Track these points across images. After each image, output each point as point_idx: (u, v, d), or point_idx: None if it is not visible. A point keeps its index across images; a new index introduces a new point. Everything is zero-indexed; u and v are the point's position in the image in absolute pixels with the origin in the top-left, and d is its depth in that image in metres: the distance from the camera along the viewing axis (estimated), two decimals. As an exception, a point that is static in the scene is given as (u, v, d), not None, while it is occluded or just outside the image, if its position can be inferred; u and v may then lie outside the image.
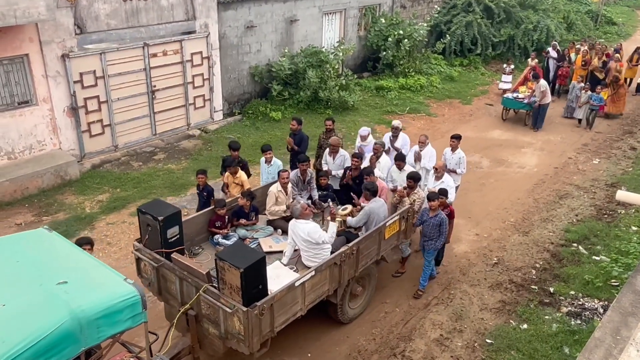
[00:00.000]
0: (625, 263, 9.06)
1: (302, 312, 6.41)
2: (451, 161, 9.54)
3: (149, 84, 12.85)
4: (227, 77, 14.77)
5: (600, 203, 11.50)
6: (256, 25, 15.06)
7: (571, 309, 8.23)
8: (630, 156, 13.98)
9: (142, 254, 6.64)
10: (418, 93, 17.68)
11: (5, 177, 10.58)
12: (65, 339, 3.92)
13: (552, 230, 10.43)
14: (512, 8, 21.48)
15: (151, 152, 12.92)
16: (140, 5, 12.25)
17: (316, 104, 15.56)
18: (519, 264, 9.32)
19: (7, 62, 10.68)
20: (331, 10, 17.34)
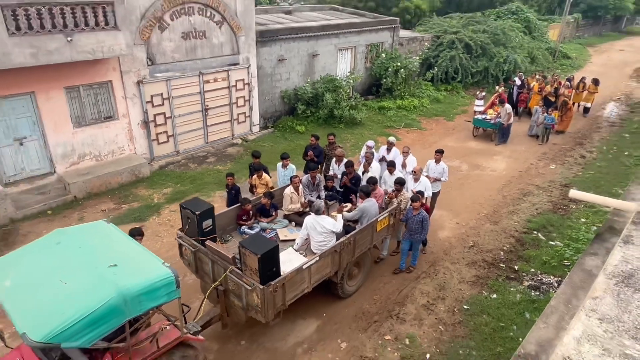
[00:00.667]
0: (576, 247, 8.98)
1: (309, 289, 6.39)
2: (435, 171, 9.38)
3: (203, 103, 12.98)
4: (262, 98, 14.85)
5: (556, 200, 11.33)
6: (286, 58, 15.12)
7: (532, 283, 8.17)
8: (580, 163, 13.74)
9: (183, 240, 6.66)
10: (412, 112, 17.57)
11: (93, 175, 10.78)
12: (112, 312, 3.96)
13: (517, 220, 10.31)
14: (487, 45, 21.25)
15: (204, 156, 13.04)
16: (197, 43, 12.37)
17: (331, 120, 15.54)
18: (490, 247, 9.26)
19: (96, 87, 10.87)
20: (344, 47, 17.32)
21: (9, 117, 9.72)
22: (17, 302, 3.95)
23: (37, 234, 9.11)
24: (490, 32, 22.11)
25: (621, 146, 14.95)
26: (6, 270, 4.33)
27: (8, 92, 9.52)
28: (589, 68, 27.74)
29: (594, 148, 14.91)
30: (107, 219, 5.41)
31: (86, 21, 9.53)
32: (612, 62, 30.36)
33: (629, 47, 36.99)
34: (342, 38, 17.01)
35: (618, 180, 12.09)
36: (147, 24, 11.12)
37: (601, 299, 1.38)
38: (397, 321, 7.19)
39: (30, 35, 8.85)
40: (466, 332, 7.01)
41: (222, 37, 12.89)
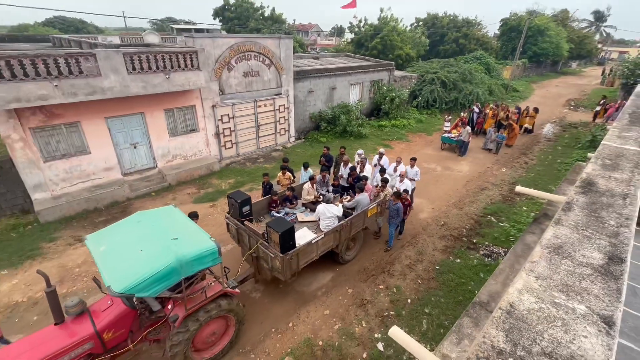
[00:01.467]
0: (519, 228, 8.71)
1: (317, 257, 6.29)
2: (410, 173, 9.14)
3: (256, 121, 13.07)
4: (297, 118, 14.86)
5: (505, 193, 10.96)
6: (314, 90, 15.07)
7: (485, 252, 7.97)
8: (524, 167, 13.24)
9: (229, 220, 6.62)
10: (402, 129, 17.25)
11: (182, 169, 11.02)
12: (171, 272, 3.93)
13: (476, 207, 10.05)
14: (457, 82, 20.62)
15: (256, 157, 13.13)
16: (253, 79, 12.45)
17: (345, 134, 15.41)
18: (456, 226, 9.07)
19: (185, 109, 11.07)
20: (355, 83, 17.14)
21: (127, 129, 10.03)
22: (107, 263, 3.94)
23: (144, 207, 9.41)
24: (460, 72, 21.46)
25: (555, 155, 14.36)
26: (102, 240, 4.34)
27: (127, 112, 9.82)
28: (533, 99, 26.66)
29: (535, 157, 14.36)
30: (174, 204, 5.28)
31: (178, 64, 9.72)
32: (550, 94, 29.08)
33: (563, 84, 35.38)
34: (353, 76, 16.84)
35: (552, 180, 11.64)
36: (219, 66, 11.27)
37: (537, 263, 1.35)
38: (388, 275, 7.15)
39: (142, 73, 9.09)
40: (437, 285, 6.92)
41: (270, 75, 12.95)
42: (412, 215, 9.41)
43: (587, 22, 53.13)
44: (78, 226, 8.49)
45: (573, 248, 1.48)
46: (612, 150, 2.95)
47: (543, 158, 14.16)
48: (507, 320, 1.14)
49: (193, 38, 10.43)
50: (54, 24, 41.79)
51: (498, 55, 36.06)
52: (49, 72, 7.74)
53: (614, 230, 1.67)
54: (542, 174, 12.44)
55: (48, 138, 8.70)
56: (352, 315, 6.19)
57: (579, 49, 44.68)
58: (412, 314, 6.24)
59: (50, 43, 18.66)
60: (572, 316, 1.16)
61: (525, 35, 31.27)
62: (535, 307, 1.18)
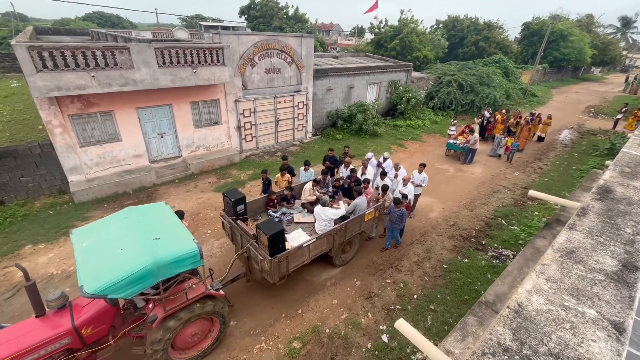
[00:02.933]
0: (529, 232, 8.46)
1: (308, 260, 5.95)
2: (418, 178, 8.65)
3: (276, 116, 13.11)
4: (315, 115, 14.83)
5: (517, 197, 10.63)
6: (332, 89, 14.98)
7: (494, 254, 7.79)
8: (538, 172, 12.77)
9: (224, 219, 6.32)
10: (416, 129, 16.93)
11: (204, 159, 11.20)
12: (147, 275, 3.68)
13: (487, 210, 9.80)
14: (474, 84, 20.06)
15: (274, 151, 13.16)
16: (274, 76, 12.48)
17: (361, 132, 15.26)
18: (466, 226, 8.89)
19: (209, 102, 11.23)
20: (372, 82, 16.92)
21: (156, 119, 10.28)
22: (86, 260, 3.71)
23: (168, 193, 9.65)
24: (478, 75, 20.86)
25: (571, 162, 13.79)
26: (87, 235, 4.10)
27: (156, 103, 10.06)
28: (551, 104, 25.61)
29: (549, 162, 13.83)
30: (165, 202, 5.07)
31: (205, 59, 9.85)
32: (569, 100, 27.83)
33: (584, 90, 33.76)
34: (371, 76, 16.62)
35: (566, 187, 11.20)
36: (243, 62, 11.34)
37: (548, 266, 1.31)
38: (396, 271, 7.10)
39: (171, 67, 9.27)
40: (443, 283, 6.83)
41: (291, 72, 12.94)
42: (422, 214, 9.28)
43: (613, 27, 50.27)
44: (108, 207, 8.82)
45: (586, 253, 1.42)
46: (632, 158, 2.81)
47: (558, 164, 13.62)
48: (515, 319, 1.11)
49: (219, 35, 10.53)
50: (92, 19, 43.13)
51: (518, 59, 34.75)
52: (87, 63, 8.00)
53: (630, 238, 1.60)
54: (556, 179, 11.98)
55: (84, 125, 9.03)
56: (359, 307, 6.20)
57: (603, 55, 42.39)
58: (417, 309, 6.18)
59: (89, 36, 19.26)
60: (582, 320, 1.13)
61: (547, 40, 29.94)
62: (544, 309, 1.14)
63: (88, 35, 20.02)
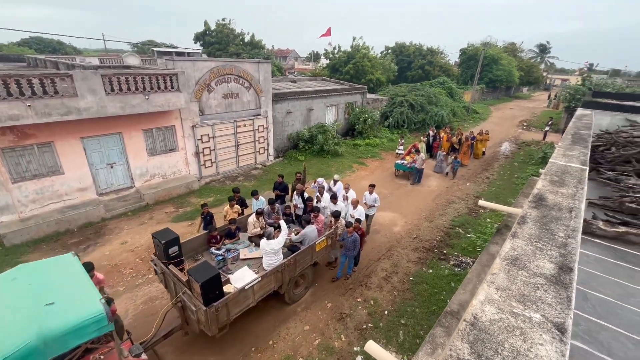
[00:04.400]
0: (484, 238, 8.99)
1: (254, 303, 5.36)
2: (369, 199, 8.42)
3: (236, 141, 12.93)
4: (276, 138, 14.85)
5: (471, 206, 11.34)
6: (292, 112, 15.20)
7: (455, 262, 8.14)
8: (486, 182, 13.82)
9: (155, 263, 5.60)
10: (375, 147, 17.63)
11: (160, 188, 10.62)
12: (29, 354, 2.97)
13: (445, 220, 10.31)
14: (424, 104, 21.58)
15: (236, 176, 12.91)
16: (233, 101, 12.41)
17: (322, 152, 15.54)
18: (428, 238, 9.24)
19: (164, 129, 10.81)
20: (331, 104, 17.50)
21: (104, 149, 9.62)
22: None
23: (119, 227, 8.92)
24: (426, 95, 22.52)
25: (513, 171, 15.14)
26: None
27: (104, 132, 9.44)
28: (491, 120, 28.32)
29: (495, 172, 15.06)
30: (73, 252, 4.24)
31: (158, 86, 9.55)
32: (506, 115, 31.03)
33: (516, 107, 37.92)
34: (329, 98, 17.20)
35: (511, 193, 12.21)
36: (199, 88, 11.17)
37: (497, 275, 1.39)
38: (365, 288, 7.11)
39: (120, 94, 8.84)
40: (412, 296, 6.94)
41: (250, 97, 12.97)
42: (387, 229, 9.51)
43: (533, 52, 57.97)
44: (47, 249, 7.87)
45: (528, 259, 1.55)
46: (559, 167, 3.17)
47: (502, 173, 14.89)
48: (472, 332, 1.15)
49: (174, 61, 10.33)
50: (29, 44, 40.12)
51: (459, 80, 38.28)
52: (22, 92, 7.34)
53: (563, 242, 1.77)
54: (502, 187, 13.05)
55: (18, 158, 8.15)
56: (331, 330, 6.05)
57: (528, 76, 48.50)
58: (389, 325, 6.18)
59: (25, 63, 17.84)
60: (529, 325, 1.20)
61: (482, 64, 33.51)
62: (497, 318, 1.20)
63: (24, 61, 18.55)
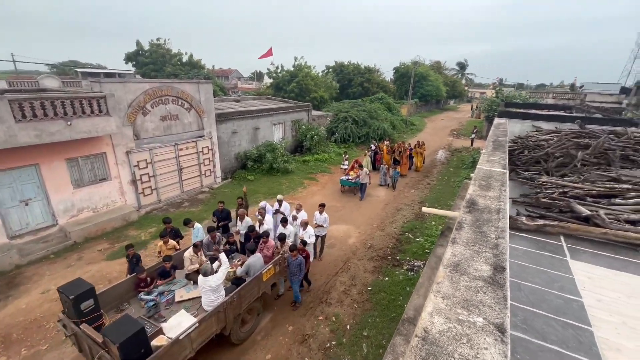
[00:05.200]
0: (431, 241, 9.55)
1: (192, 354, 4.68)
2: (320, 219, 8.15)
3: (179, 164, 12.20)
4: (222, 159, 14.36)
5: (417, 212, 12.01)
6: (237, 131, 14.89)
7: (408, 267, 8.47)
8: (428, 187, 14.86)
9: (64, 322, 4.71)
10: (324, 162, 17.98)
11: (91, 223, 9.47)
12: None
13: (395, 227, 10.76)
14: (366, 119, 22.78)
15: (180, 202, 12.10)
16: (172, 123, 11.76)
17: (272, 171, 15.39)
18: (381, 246, 9.52)
19: (93, 157, 9.78)
20: (277, 122, 17.54)
21: (15, 184, 8.30)
22: None
23: (40, 274, 7.68)
24: (367, 110, 23.84)
25: (449, 175, 16.58)
26: None
27: (15, 164, 8.17)
28: (427, 131, 30.94)
29: (435, 178, 16.31)
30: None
31: (83, 110, 8.65)
32: (439, 126, 34.19)
33: (447, 118, 42.13)
34: (275, 117, 17.24)
35: (450, 197, 13.28)
36: (132, 111, 10.38)
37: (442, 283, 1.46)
38: (326, 305, 7.02)
39: (35, 121, 7.79)
40: (371, 306, 7.03)
41: (191, 118, 12.41)
42: (342, 242, 9.62)
43: (455, 70, 65.57)
44: (-62, 312, 6.38)
45: (467, 263, 1.67)
46: (485, 172, 3.55)
47: (441, 178, 16.21)
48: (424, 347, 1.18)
49: (100, 82, 9.48)
50: None
51: (395, 96, 41.42)
52: None
53: (495, 242, 1.96)
54: (442, 192, 14.16)
55: None
56: (294, 355, 5.81)
57: (453, 90, 54.59)
58: (352, 339, 6.15)
59: None
60: (474, 330, 1.27)
61: (414, 80, 36.78)
62: (445, 328, 1.25)
63: None
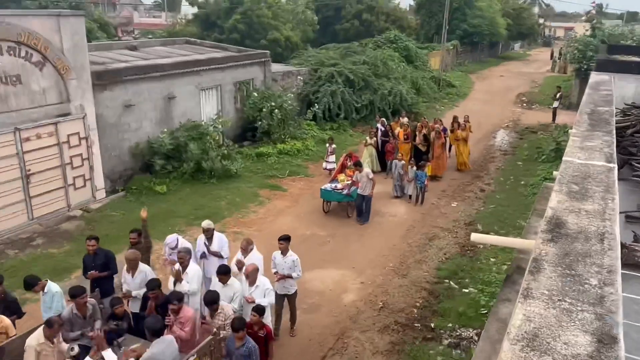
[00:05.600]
0: (490, 292, 9.70)
1: None
2: (283, 266, 8.01)
3: (23, 168, 11.80)
4: (107, 155, 14.02)
5: (463, 241, 12.22)
6: (134, 104, 14.63)
7: (451, 340, 8.52)
8: (481, 197, 15.21)
9: None
10: (296, 156, 18.04)
11: None
12: None
13: (426, 270, 10.86)
14: (368, 77, 23.08)
15: (29, 237, 11.65)
16: (9, 90, 11.39)
17: (200, 175, 15.26)
18: (402, 305, 9.53)
19: None
20: (208, 87, 17.42)
21: None
22: None
23: None
24: (371, 62, 24.17)
25: (517, 175, 17.06)
26: None
27: None
28: (475, 97, 31.76)
29: (492, 180, 16.73)
30: None
31: None
32: (495, 88, 35.23)
33: (507, 73, 43.50)
34: (204, 76, 17.13)
35: (520, 212, 13.62)
36: None
37: (509, 375, 1.47)
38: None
39: None
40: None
41: (45, 82, 12.07)
42: (333, 301, 9.61)
43: (521, -10, 68.07)
44: None
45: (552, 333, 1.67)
46: (577, 169, 3.63)
47: (503, 180, 16.62)
48: None
49: None
50: None
51: (420, 36, 42.36)
52: None
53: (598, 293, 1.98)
54: (506, 204, 14.51)
55: None
56: None
57: (518, 25, 56.42)
58: None
59: None
60: None
61: (450, 8, 37.82)
62: None
63: None
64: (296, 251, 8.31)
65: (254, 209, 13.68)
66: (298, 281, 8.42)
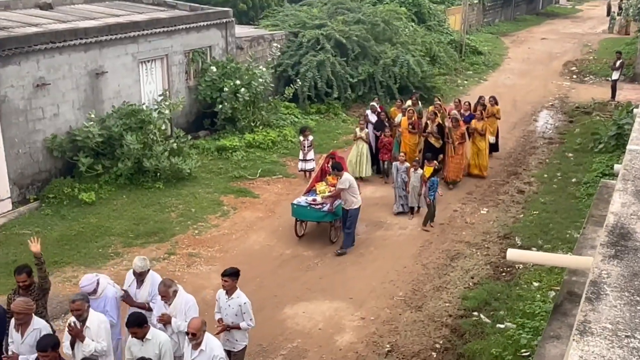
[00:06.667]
0: (533, 327, 9.68)
1: None
2: (228, 311, 7.79)
3: None
4: (13, 153, 13.85)
5: (496, 259, 12.24)
6: (50, 82, 14.49)
7: (483, 394, 8.55)
8: (519, 200, 15.24)
9: None
10: (270, 151, 18.00)
11: None
12: None
13: (447, 299, 10.84)
14: (366, 42, 23.04)
15: None
16: None
17: (141, 177, 15.23)
18: (416, 348, 9.50)
19: None
20: (149, 58, 17.32)
21: None
22: None
23: None
24: (368, 22, 24.11)
25: (566, 171, 17.16)
26: None
27: None
28: (508, 67, 31.88)
29: (533, 177, 16.79)
30: None
31: None
32: (535, 55, 35.37)
33: (552, 34, 43.65)
34: (144, 43, 17.04)
35: (571, 220, 13.70)
36: None
37: None
38: None
39: None
40: None
41: None
42: (324, 342, 9.60)
43: None
44: None
45: (619, 383, 1.66)
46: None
47: (547, 178, 16.69)
48: None
49: None
50: None
51: (433, -15, 42.36)
52: None
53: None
54: (551, 209, 14.55)
55: None
56: None
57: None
58: None
59: None
60: None
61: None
62: None
63: None
64: (274, 278, 8.32)
65: (215, 222, 13.66)
66: (275, 319, 8.44)
